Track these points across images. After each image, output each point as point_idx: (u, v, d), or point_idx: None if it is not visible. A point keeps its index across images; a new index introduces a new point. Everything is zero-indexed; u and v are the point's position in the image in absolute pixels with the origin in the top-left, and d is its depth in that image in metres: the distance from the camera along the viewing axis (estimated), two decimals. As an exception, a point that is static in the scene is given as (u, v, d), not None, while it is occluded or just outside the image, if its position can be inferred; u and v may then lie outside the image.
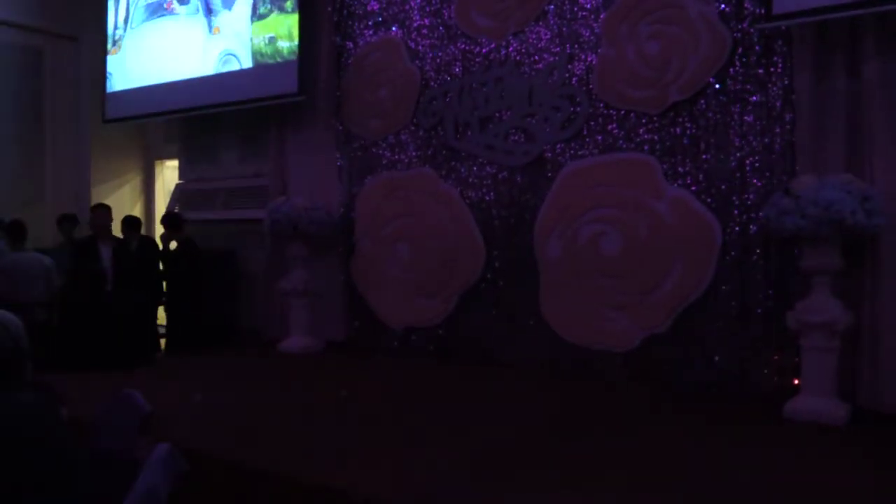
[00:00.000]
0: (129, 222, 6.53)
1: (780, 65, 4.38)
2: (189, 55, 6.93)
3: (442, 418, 3.90)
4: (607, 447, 3.36)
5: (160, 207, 8.26)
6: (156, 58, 7.24)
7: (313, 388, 4.77)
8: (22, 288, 5.46)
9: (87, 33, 8.06)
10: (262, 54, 6.42)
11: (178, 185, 7.78)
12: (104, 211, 6.19)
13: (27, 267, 5.59)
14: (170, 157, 8.29)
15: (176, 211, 7.23)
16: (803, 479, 2.94)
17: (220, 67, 6.69)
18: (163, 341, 6.58)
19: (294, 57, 6.22)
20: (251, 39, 6.51)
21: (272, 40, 6.32)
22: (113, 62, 7.65)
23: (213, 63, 6.74)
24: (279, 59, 6.31)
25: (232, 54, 6.57)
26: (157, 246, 6.65)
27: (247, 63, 6.53)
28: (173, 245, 6.60)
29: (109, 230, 6.17)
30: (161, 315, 6.60)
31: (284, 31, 6.29)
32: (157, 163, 8.61)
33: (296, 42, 6.21)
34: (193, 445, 3.09)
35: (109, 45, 7.65)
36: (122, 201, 8.24)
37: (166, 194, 8.27)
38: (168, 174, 8.55)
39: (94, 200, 7.98)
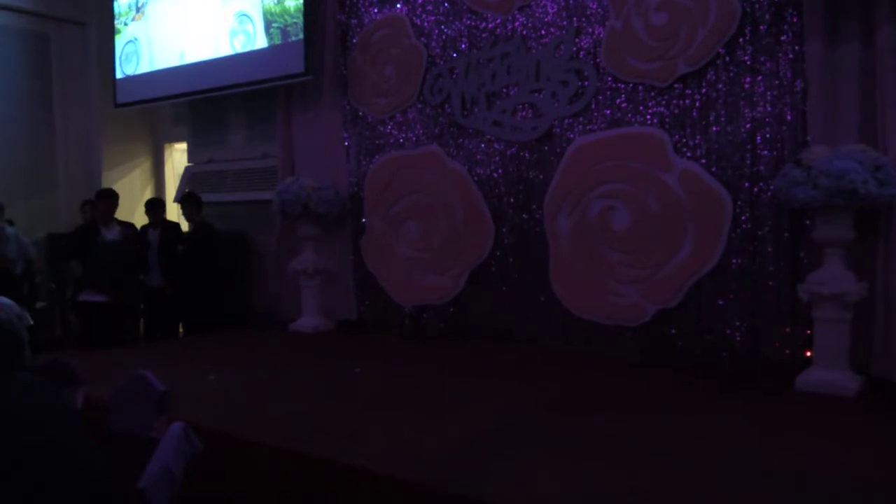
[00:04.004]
0: (153, 204, 6.57)
1: (790, 33, 4.31)
2: (206, 16, 6.98)
3: (454, 395, 3.92)
4: (619, 422, 3.36)
5: (170, 191, 8.30)
6: (177, 19, 7.25)
7: (325, 366, 4.81)
8: None
9: (94, 18, 8.06)
10: (271, 13, 6.45)
11: (187, 168, 7.80)
12: (108, 200, 6.18)
13: None
14: (178, 140, 8.32)
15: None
16: (814, 451, 2.94)
17: (235, 27, 6.74)
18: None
19: (300, 15, 6.22)
20: (262, 0, 6.53)
21: (279, 0, 6.35)
22: (138, 28, 7.62)
23: (228, 23, 6.78)
24: (287, 19, 6.32)
25: (245, 14, 6.64)
26: (180, 230, 6.66)
27: (259, 23, 6.55)
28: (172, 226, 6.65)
29: (111, 217, 6.19)
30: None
31: (291, -10, 6.35)
32: (167, 146, 8.63)
33: (301, 1, 6.21)
34: (207, 424, 3.13)
35: (134, 13, 7.62)
36: (133, 185, 8.28)
37: (176, 177, 8.30)
38: (177, 157, 8.57)
39: (106, 185, 8.05)
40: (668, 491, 2.54)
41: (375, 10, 6.17)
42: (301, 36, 6.21)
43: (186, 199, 6.61)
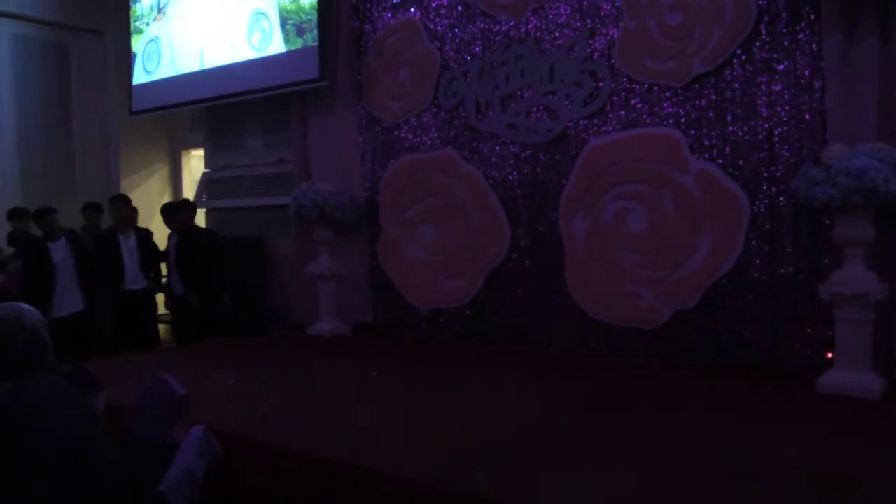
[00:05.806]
0: (169, 209, 6.59)
1: (808, 31, 4.28)
2: (224, 14, 7.06)
3: (471, 397, 3.91)
4: (636, 425, 3.34)
5: (188, 197, 8.35)
6: (196, 18, 7.35)
7: (342, 370, 4.82)
8: None
9: (112, 26, 8.15)
10: (286, 11, 6.53)
11: (204, 174, 7.87)
12: (124, 203, 6.26)
13: None
14: (196, 147, 8.39)
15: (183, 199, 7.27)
16: (835, 453, 2.91)
17: (252, 25, 6.82)
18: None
19: (314, 12, 6.28)
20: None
21: None
22: (160, 28, 7.72)
23: (245, 21, 6.86)
24: (302, 16, 6.39)
25: (261, 12, 6.73)
26: (200, 237, 6.66)
27: (275, 20, 6.61)
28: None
29: (131, 221, 6.26)
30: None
31: (305, -12, 6.43)
32: (184, 153, 8.71)
33: None
34: (223, 428, 3.14)
35: (155, 13, 7.72)
36: (151, 192, 8.37)
37: (193, 184, 8.37)
38: (194, 163, 8.65)
39: (124, 192, 8.13)
40: (678, 493, 2.51)
41: (389, 15, 6.19)
42: (315, 33, 6.26)
43: (182, 206, 6.56)
